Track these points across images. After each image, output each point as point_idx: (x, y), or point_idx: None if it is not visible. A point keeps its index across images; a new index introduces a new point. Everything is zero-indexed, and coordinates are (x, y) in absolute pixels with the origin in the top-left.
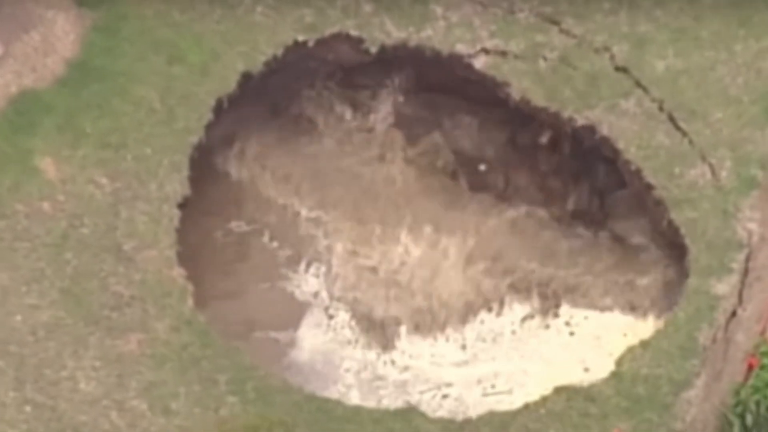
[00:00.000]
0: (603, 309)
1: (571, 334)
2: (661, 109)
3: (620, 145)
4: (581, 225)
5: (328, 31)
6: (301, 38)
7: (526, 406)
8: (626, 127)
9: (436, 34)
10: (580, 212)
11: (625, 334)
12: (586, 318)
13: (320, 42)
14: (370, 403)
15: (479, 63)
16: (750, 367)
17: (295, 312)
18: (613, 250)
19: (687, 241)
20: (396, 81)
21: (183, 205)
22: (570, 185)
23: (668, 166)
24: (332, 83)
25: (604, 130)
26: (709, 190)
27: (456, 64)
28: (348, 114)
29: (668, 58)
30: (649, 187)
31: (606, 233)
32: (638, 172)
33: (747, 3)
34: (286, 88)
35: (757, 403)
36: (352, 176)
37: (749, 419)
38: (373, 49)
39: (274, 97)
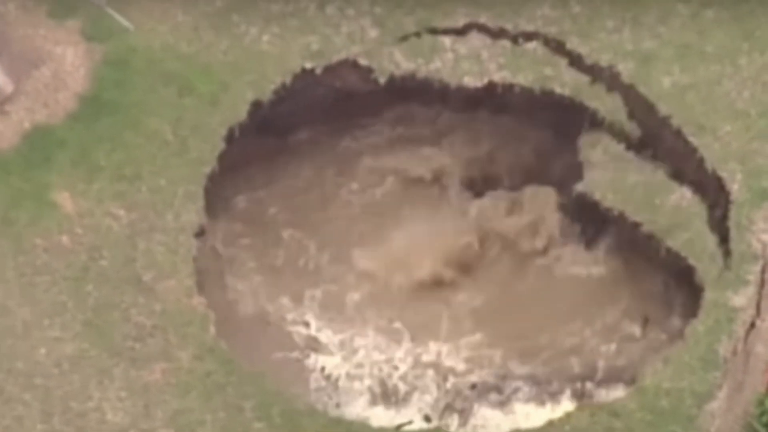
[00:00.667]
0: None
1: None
2: (628, 148)
3: (597, 196)
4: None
5: (335, 58)
6: (308, 65)
7: (551, 423)
8: (598, 178)
9: (445, 66)
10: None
11: None
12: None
13: (328, 69)
14: (389, 414)
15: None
16: None
17: (306, 337)
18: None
19: (691, 261)
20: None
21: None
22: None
23: (648, 199)
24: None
25: (579, 187)
26: (694, 208)
27: None
28: (354, 144)
29: (674, 74)
30: (636, 225)
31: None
32: (622, 215)
33: (750, 17)
34: (294, 116)
35: None
36: (355, 210)
37: None
38: (382, 80)
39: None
